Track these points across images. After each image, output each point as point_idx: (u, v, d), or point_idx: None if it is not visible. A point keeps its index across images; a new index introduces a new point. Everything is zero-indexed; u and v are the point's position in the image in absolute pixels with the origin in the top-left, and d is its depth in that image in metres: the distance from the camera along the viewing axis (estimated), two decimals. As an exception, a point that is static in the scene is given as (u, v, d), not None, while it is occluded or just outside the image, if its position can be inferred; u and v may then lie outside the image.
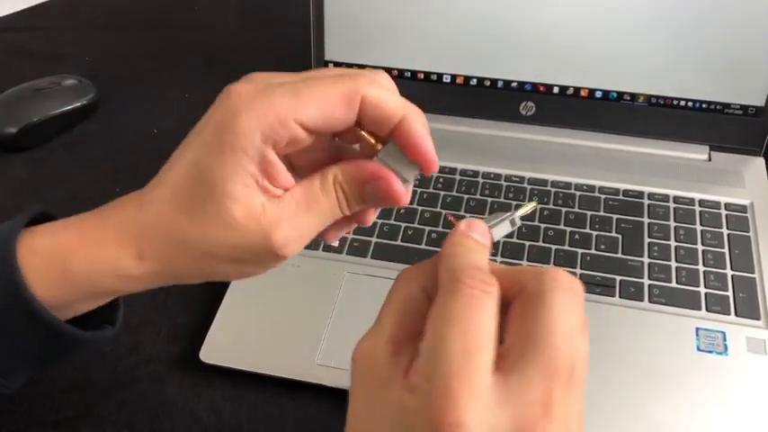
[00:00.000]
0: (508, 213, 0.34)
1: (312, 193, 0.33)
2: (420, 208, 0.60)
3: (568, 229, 0.59)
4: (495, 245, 0.57)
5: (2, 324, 0.35)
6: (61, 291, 0.34)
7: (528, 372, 0.26)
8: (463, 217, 0.60)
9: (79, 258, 0.34)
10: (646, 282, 0.55)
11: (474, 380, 0.25)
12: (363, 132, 0.33)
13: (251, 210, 0.32)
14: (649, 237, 0.58)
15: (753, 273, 0.55)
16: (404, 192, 0.33)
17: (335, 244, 0.37)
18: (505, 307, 0.29)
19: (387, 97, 0.32)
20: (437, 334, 0.27)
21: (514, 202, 0.61)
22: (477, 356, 0.26)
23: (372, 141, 0.33)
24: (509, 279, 0.29)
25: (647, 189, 0.62)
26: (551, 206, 0.61)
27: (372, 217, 0.36)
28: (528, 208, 0.35)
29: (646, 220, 0.60)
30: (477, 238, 0.31)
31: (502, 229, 0.33)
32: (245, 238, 0.32)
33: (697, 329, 0.51)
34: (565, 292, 0.28)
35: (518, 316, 0.28)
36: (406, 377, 0.27)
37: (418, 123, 0.32)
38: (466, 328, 0.26)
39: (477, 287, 0.27)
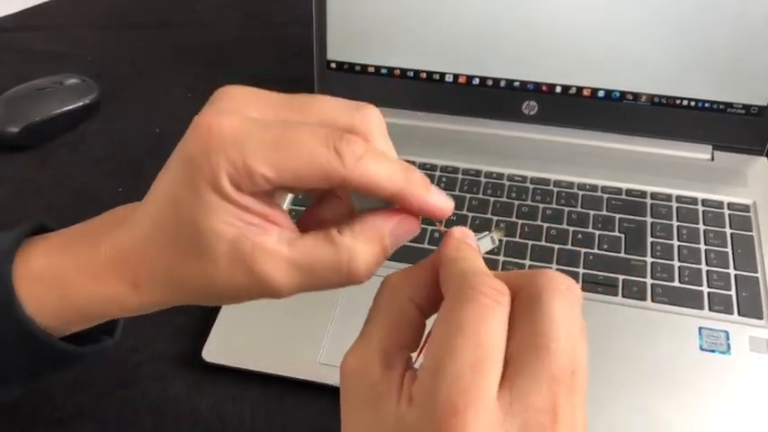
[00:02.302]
0: (485, 232, 0.33)
1: (316, 243, 0.30)
2: (422, 207, 0.60)
3: (571, 228, 0.59)
4: (498, 244, 0.57)
5: None
6: (58, 314, 0.33)
7: (532, 380, 0.25)
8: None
9: (77, 287, 0.32)
10: (648, 281, 0.55)
11: (482, 396, 0.24)
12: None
13: (237, 247, 0.29)
14: (652, 236, 0.58)
15: (756, 272, 0.55)
16: (418, 227, 0.31)
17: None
18: None
19: (376, 178, 0.29)
20: (445, 344, 0.25)
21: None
22: (487, 371, 0.25)
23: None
24: (505, 284, 0.28)
25: (649, 188, 0.62)
26: (554, 205, 0.61)
27: None
28: (500, 233, 0.34)
29: (648, 219, 0.60)
30: (473, 246, 0.30)
31: (485, 244, 0.33)
32: (236, 277, 0.30)
33: (700, 329, 0.51)
34: (562, 294, 0.27)
35: (516, 321, 0.27)
36: (402, 390, 0.26)
37: (415, 191, 0.30)
38: (478, 339, 0.25)
39: (490, 296, 0.26)
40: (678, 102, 0.65)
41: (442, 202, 0.31)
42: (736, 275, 0.55)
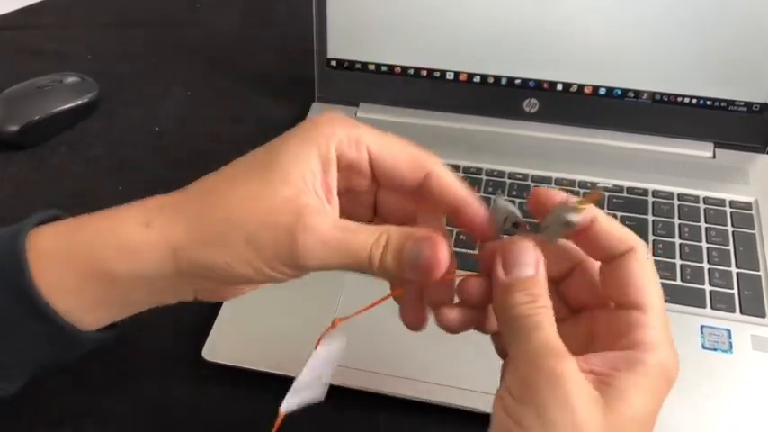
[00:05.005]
0: (555, 214, 0.30)
1: (358, 225, 0.33)
2: (423, 206, 0.60)
3: (572, 226, 0.59)
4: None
5: (4, 318, 0.34)
6: (63, 271, 0.33)
7: None
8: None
9: (84, 232, 0.34)
10: (650, 279, 0.54)
11: None
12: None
13: (296, 195, 0.32)
14: (654, 234, 0.58)
15: (758, 270, 0.55)
16: (446, 260, 0.33)
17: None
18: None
19: (452, 180, 0.36)
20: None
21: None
22: None
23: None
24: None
25: (651, 186, 0.62)
26: (555, 204, 0.61)
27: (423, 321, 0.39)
28: (587, 202, 0.29)
29: (650, 217, 0.59)
30: (532, 294, 0.32)
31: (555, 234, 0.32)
32: (275, 215, 0.32)
33: (702, 327, 0.51)
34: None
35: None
36: None
37: (477, 206, 0.35)
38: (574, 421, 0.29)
39: (573, 380, 0.30)
40: (680, 99, 0.65)
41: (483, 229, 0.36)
42: (738, 273, 0.55)
